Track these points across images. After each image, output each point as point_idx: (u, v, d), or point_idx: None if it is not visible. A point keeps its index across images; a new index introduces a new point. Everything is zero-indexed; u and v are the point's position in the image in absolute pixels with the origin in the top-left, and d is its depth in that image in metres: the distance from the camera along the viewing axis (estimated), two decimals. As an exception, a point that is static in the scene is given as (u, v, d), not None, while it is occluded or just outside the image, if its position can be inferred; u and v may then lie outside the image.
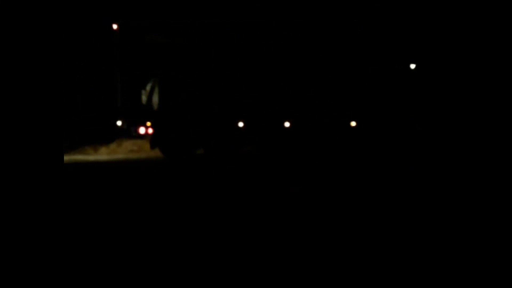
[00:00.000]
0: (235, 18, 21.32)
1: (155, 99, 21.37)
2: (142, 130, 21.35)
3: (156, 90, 21.35)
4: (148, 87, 21.32)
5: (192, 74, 21.36)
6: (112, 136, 21.94)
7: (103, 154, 22.59)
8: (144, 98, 21.31)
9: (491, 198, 9.26)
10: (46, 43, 4.60)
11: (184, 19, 21.12)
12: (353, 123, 21.59)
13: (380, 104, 21.54)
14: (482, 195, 9.58)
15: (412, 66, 21.68)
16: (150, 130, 21.33)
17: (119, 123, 21.39)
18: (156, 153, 21.62)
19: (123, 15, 20.94)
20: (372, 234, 6.74)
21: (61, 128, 4.76)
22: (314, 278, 5.04)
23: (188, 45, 21.28)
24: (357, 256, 5.74)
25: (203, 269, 5.36)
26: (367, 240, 6.40)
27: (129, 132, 21.30)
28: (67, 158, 18.61)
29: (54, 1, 4.61)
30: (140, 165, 18.14)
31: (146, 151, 21.61)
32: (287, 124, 21.50)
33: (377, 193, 10.12)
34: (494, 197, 9.37)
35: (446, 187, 10.77)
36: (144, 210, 8.76)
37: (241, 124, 21.44)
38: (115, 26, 20.76)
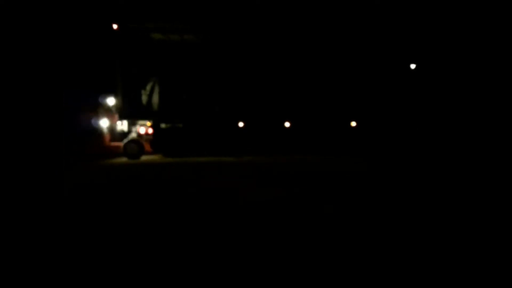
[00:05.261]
0: (235, 18, 21.33)
1: (155, 99, 21.38)
2: (142, 130, 21.38)
3: (156, 90, 21.35)
4: (148, 87, 21.32)
5: (193, 74, 21.37)
6: (112, 136, 21.93)
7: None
8: (144, 98, 21.31)
9: (491, 197, 9.26)
10: (46, 43, 4.60)
11: (185, 19, 21.13)
12: (353, 123, 21.61)
13: (380, 104, 21.55)
14: (482, 194, 9.59)
15: (412, 66, 21.68)
16: (150, 130, 21.36)
17: (119, 123, 21.41)
18: (156, 153, 21.63)
19: (123, 15, 20.95)
20: (372, 233, 6.74)
21: (61, 129, 4.76)
22: (315, 277, 5.05)
23: (188, 46, 21.29)
24: (356, 256, 5.74)
25: (203, 269, 5.36)
26: (367, 240, 6.40)
27: (129, 132, 21.32)
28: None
29: (54, 1, 4.61)
30: (140, 165, 18.13)
31: (146, 152, 21.60)
32: (287, 124, 21.51)
33: (376, 193, 10.12)
34: (494, 196, 9.37)
35: (445, 187, 10.77)
36: (143, 212, 8.75)
37: (241, 124, 21.45)
38: (115, 26, 20.77)
